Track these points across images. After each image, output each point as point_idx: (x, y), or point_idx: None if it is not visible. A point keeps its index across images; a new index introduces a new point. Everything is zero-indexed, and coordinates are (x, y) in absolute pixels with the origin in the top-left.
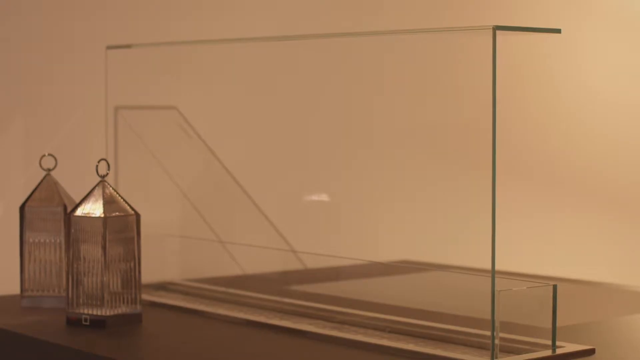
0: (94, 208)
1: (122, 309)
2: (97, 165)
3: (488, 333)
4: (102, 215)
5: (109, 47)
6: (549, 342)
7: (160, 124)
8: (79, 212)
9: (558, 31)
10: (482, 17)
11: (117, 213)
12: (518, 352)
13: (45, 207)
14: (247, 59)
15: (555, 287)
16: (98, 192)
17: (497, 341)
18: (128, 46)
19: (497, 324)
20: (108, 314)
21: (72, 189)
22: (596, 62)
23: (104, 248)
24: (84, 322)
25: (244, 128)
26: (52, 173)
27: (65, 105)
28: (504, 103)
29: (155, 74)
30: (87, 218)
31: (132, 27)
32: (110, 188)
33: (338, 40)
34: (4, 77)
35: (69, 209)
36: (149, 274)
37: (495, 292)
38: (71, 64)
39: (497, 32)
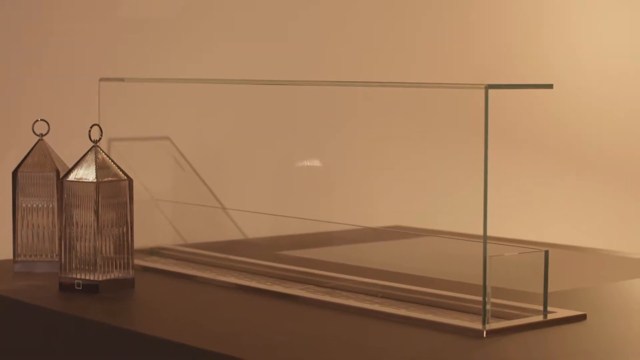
0: (86, 173)
1: (115, 274)
2: (89, 131)
3: (480, 298)
4: (95, 180)
5: (102, 80)
6: (541, 308)
7: (153, 154)
8: (71, 177)
9: (550, 87)
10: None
11: (109, 178)
12: (509, 317)
13: (38, 172)
14: (238, 95)
15: (546, 253)
16: (90, 157)
17: (488, 306)
18: (121, 79)
19: (488, 290)
20: (101, 278)
21: (64, 154)
22: (585, 29)
23: (96, 213)
24: (76, 287)
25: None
26: (45, 138)
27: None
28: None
29: (147, 107)
30: (79, 183)
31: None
32: (103, 153)
33: (335, 88)
34: None
35: (61, 174)
36: (141, 239)
37: (487, 258)
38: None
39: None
